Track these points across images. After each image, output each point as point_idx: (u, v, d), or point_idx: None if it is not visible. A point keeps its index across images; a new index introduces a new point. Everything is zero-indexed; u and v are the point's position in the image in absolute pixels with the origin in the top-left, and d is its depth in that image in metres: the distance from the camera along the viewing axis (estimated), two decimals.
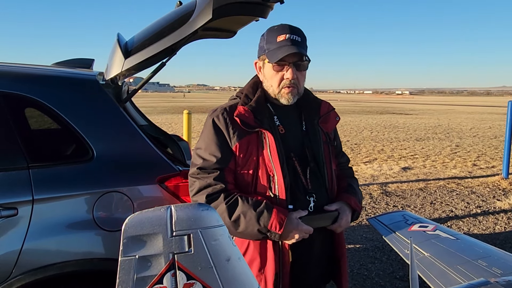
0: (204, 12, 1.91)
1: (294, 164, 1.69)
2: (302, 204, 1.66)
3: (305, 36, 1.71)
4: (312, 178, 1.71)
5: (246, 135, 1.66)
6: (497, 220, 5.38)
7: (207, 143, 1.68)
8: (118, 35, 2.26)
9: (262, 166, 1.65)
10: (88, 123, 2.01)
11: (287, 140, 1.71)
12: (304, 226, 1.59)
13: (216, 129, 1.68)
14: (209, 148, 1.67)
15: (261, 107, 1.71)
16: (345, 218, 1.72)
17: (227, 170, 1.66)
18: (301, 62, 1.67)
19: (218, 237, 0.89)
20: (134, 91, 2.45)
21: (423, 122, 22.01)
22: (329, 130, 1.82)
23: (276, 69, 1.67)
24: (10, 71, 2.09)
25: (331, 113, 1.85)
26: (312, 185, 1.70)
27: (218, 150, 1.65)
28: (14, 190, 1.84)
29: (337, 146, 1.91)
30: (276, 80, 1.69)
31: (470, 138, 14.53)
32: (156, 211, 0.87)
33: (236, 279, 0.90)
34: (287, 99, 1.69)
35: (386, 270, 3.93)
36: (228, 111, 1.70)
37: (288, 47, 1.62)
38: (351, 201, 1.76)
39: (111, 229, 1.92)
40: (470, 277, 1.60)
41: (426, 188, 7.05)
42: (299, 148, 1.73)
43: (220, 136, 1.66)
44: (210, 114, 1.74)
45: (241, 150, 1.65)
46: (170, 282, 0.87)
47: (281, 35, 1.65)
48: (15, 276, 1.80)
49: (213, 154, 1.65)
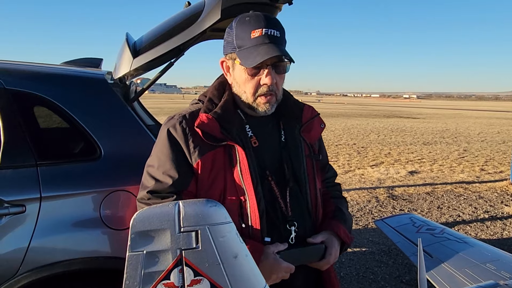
0: (212, 12, 1.92)
1: (271, 184, 1.38)
2: (281, 234, 1.36)
3: (283, 27, 1.38)
4: (293, 201, 1.40)
5: (210, 149, 1.34)
6: (505, 226, 5.32)
7: (160, 160, 1.36)
8: (127, 34, 2.27)
9: (231, 188, 1.33)
10: (96, 122, 2.02)
11: (262, 154, 1.40)
12: (284, 264, 1.29)
13: (172, 142, 1.36)
14: (163, 166, 1.35)
15: (229, 114, 1.38)
16: (334, 253, 1.41)
17: (186, 194, 1.35)
18: (280, 63, 1.35)
19: (225, 234, 0.89)
20: (142, 91, 2.46)
21: (431, 126, 21.88)
22: (312, 140, 1.52)
23: (251, 73, 1.35)
24: (20, 69, 2.11)
25: (315, 119, 1.53)
26: (293, 210, 1.39)
27: (174, 169, 1.33)
28: (22, 187, 1.85)
29: (322, 159, 1.59)
30: (250, 86, 1.36)
31: (478, 142, 14.42)
32: (164, 207, 0.87)
33: (243, 276, 0.90)
34: (264, 109, 1.38)
35: (393, 274, 3.90)
36: (187, 119, 1.38)
37: (266, 46, 1.29)
38: (340, 231, 1.45)
39: (117, 227, 1.92)
40: (478, 280, 1.58)
41: (433, 192, 7.00)
42: (276, 164, 1.43)
43: (177, 150, 1.35)
44: (166, 122, 1.42)
45: (204, 169, 1.34)
46: (177, 278, 0.86)
47: (255, 30, 1.31)
48: (22, 273, 1.80)
49: (168, 173, 1.34)
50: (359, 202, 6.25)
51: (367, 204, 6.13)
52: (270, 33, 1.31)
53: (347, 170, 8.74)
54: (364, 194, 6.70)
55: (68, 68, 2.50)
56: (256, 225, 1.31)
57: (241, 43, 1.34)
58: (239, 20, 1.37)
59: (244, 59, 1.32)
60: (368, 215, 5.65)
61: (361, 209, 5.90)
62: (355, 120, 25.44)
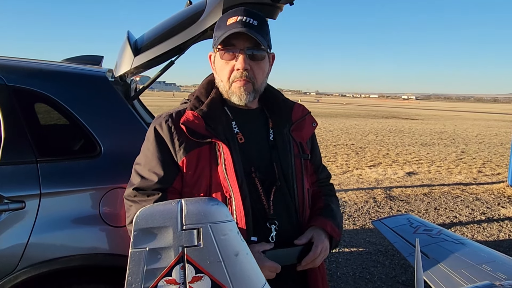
0: (214, 12, 1.93)
1: (255, 181, 1.37)
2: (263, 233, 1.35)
3: (266, 21, 1.40)
4: (277, 200, 1.39)
5: (195, 147, 1.35)
6: (501, 228, 5.35)
7: (147, 158, 1.38)
8: (128, 33, 2.28)
9: (216, 186, 1.33)
10: (97, 119, 2.03)
11: (248, 151, 1.40)
12: (268, 263, 1.27)
13: (158, 139, 1.37)
14: (149, 163, 1.37)
15: (214, 111, 1.39)
16: (320, 246, 1.38)
17: (171, 191, 1.36)
18: (256, 51, 1.35)
19: (227, 232, 0.90)
20: (142, 89, 2.47)
21: (429, 127, 21.93)
22: (303, 139, 1.51)
23: (224, 58, 1.36)
24: (21, 66, 2.11)
25: (306, 118, 1.53)
26: (276, 208, 1.38)
27: (160, 166, 1.35)
28: (22, 184, 1.86)
29: (315, 160, 1.58)
30: (225, 72, 1.37)
31: (476, 144, 14.46)
32: (167, 205, 0.88)
33: (244, 274, 0.91)
34: (238, 95, 1.37)
35: (389, 274, 3.92)
36: (173, 117, 1.39)
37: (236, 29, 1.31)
38: (327, 226, 1.42)
39: (116, 225, 1.93)
40: (474, 281, 1.60)
41: (431, 193, 7.02)
42: (263, 162, 1.42)
43: (162, 148, 1.36)
44: (153, 121, 1.44)
45: (189, 166, 1.34)
46: (179, 274, 0.88)
47: (231, 18, 1.34)
48: (21, 269, 1.81)
49: (154, 171, 1.35)
50: (357, 202, 6.27)
51: (365, 205, 6.15)
52: (245, 20, 1.33)
53: (345, 171, 8.75)
54: (361, 195, 6.72)
55: (69, 65, 2.50)
56: (241, 223, 1.31)
57: (218, 33, 1.37)
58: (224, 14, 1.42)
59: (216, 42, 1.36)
60: (365, 215, 5.67)
61: (359, 209, 5.92)
62: (353, 120, 25.47)
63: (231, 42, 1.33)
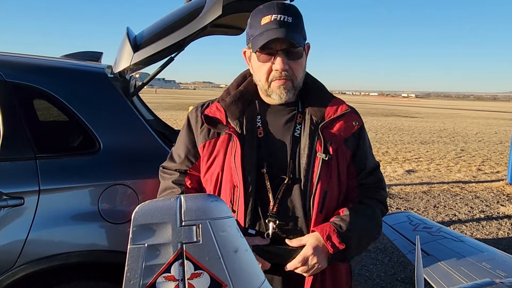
0: (214, 8, 1.92)
1: (264, 176, 1.37)
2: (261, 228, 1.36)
3: (300, 14, 1.36)
4: (285, 198, 1.35)
5: (214, 136, 1.43)
6: (500, 226, 5.35)
7: (178, 141, 1.53)
8: (128, 29, 2.27)
9: (227, 174, 1.39)
10: (96, 116, 2.02)
11: (266, 146, 1.39)
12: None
13: (187, 126, 1.50)
14: (177, 146, 1.52)
15: (237, 104, 1.42)
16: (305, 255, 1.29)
17: (189, 173, 1.49)
18: (293, 49, 1.32)
19: (226, 228, 0.90)
20: (141, 85, 2.46)
21: (428, 125, 21.93)
22: (338, 138, 1.39)
23: (262, 60, 1.34)
24: (20, 61, 2.10)
25: (345, 116, 1.42)
26: (281, 207, 1.34)
27: (183, 150, 1.48)
28: (21, 180, 1.85)
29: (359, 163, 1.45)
30: (263, 72, 1.35)
31: (475, 142, 14.47)
32: (166, 201, 0.88)
33: (243, 271, 0.91)
34: (279, 94, 1.36)
35: (388, 272, 3.92)
36: (203, 107, 1.49)
37: (272, 31, 1.28)
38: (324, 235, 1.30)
39: (115, 221, 1.92)
40: (474, 278, 1.60)
41: (430, 191, 7.03)
42: (279, 158, 1.38)
43: (189, 134, 1.49)
44: None
45: (206, 152, 1.43)
46: (178, 271, 0.87)
47: (265, 17, 1.31)
48: (20, 265, 1.81)
49: (178, 153, 1.50)
50: None
51: None
52: (280, 19, 1.30)
53: None
54: None
55: (68, 61, 2.49)
56: (240, 214, 1.35)
57: (253, 32, 1.36)
58: (254, 10, 1.39)
59: (254, 46, 1.34)
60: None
61: None
62: None
63: (268, 45, 1.30)
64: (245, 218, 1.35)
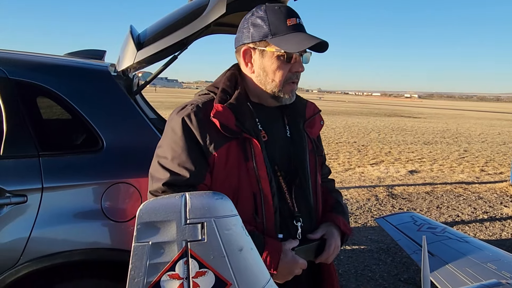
0: (217, 6, 1.90)
1: (279, 180, 1.37)
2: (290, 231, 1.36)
3: None
4: (298, 197, 1.40)
5: (225, 142, 1.30)
6: (503, 227, 5.33)
7: (175, 151, 1.29)
8: (131, 27, 2.26)
9: (245, 182, 1.30)
10: (99, 114, 2.02)
11: (271, 149, 1.37)
12: (300, 260, 1.30)
13: (187, 132, 1.29)
14: (178, 157, 1.28)
15: (242, 106, 1.35)
16: (334, 244, 1.41)
17: (202, 187, 1.30)
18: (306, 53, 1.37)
19: (231, 227, 0.89)
20: (145, 84, 2.45)
21: (432, 126, 21.89)
22: (314, 136, 1.53)
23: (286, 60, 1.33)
24: (24, 59, 2.10)
25: (316, 116, 1.55)
26: (299, 206, 1.39)
27: (191, 161, 1.28)
28: (24, 178, 1.85)
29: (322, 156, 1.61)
30: (281, 73, 1.33)
31: (478, 143, 14.42)
32: (170, 198, 0.87)
33: (248, 269, 0.90)
34: (290, 96, 1.38)
35: (391, 272, 3.91)
36: (201, 109, 1.32)
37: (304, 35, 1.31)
38: (340, 222, 1.46)
39: (118, 219, 1.92)
40: (480, 279, 1.58)
41: (433, 192, 7.00)
42: (283, 159, 1.41)
43: (192, 142, 1.29)
44: (178, 111, 1.35)
45: (220, 162, 1.30)
46: (182, 269, 0.86)
47: (291, 18, 1.32)
48: (23, 263, 1.80)
49: (185, 166, 1.28)
50: (359, 200, 6.26)
51: (367, 202, 6.13)
52: (300, 23, 1.34)
53: (347, 168, 8.74)
54: (363, 192, 6.71)
55: (71, 59, 2.49)
56: (270, 221, 1.30)
57: (276, 30, 1.31)
58: (267, 7, 1.35)
59: (285, 44, 1.30)
60: (367, 213, 5.66)
61: (361, 207, 5.91)
62: (356, 118, 25.44)
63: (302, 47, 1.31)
64: (275, 224, 1.31)
